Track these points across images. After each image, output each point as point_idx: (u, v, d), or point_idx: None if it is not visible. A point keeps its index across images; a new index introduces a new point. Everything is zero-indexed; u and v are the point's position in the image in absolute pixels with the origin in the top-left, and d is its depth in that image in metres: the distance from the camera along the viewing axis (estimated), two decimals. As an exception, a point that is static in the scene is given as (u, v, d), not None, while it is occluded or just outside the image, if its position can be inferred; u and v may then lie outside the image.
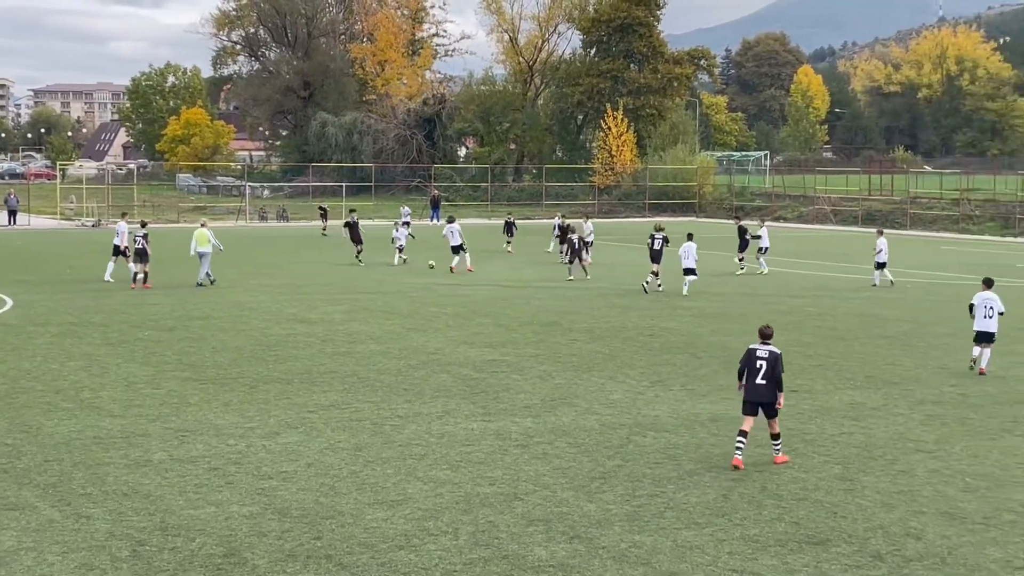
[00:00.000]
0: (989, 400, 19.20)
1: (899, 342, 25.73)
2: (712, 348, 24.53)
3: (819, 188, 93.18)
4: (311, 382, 20.17)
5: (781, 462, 15.06)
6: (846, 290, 37.44)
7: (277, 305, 31.50)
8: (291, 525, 12.18)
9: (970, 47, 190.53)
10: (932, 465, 14.91)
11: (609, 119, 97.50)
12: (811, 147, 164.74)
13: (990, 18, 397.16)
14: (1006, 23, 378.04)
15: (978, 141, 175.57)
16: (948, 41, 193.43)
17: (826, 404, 18.74)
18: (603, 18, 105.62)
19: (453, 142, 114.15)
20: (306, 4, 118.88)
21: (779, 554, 11.38)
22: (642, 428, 16.82)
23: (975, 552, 11.49)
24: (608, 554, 11.32)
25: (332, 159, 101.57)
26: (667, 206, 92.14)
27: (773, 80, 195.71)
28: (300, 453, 15.20)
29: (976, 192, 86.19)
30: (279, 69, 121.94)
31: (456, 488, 13.60)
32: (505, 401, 18.68)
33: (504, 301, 33.24)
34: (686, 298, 34.06)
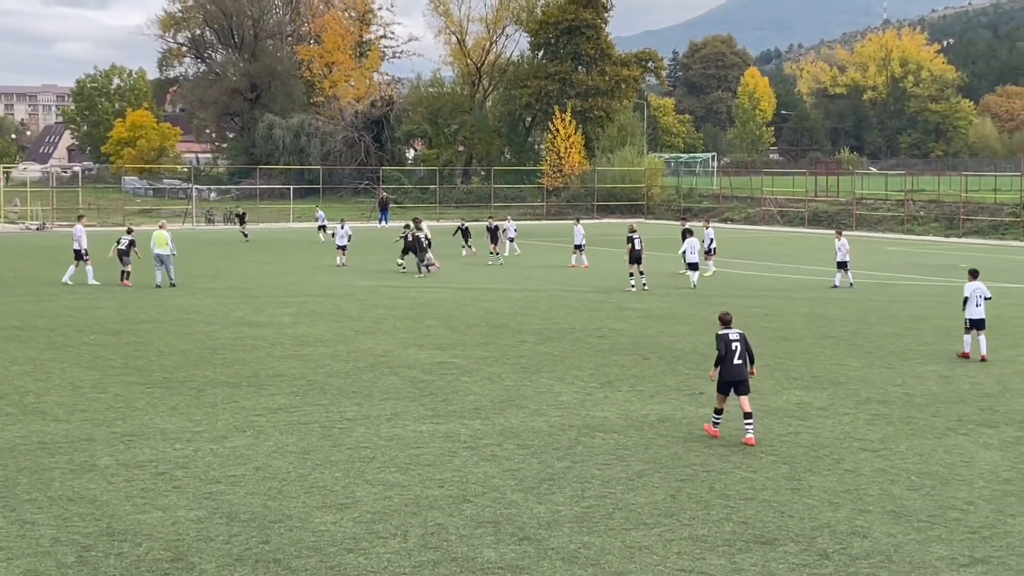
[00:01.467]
0: (934, 399, 19.39)
1: (845, 342, 25.94)
2: (660, 349, 24.63)
3: (766, 189, 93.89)
4: (259, 385, 20.05)
5: (750, 443, 15.90)
6: (793, 291, 37.72)
7: (224, 308, 31.30)
8: (239, 529, 12.09)
9: (914, 49, 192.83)
10: (878, 464, 15.03)
11: (557, 121, 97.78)
12: (758, 149, 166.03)
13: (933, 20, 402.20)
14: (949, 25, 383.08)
15: (922, 142, 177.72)
16: (892, 43, 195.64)
17: (773, 404, 18.85)
18: (550, 20, 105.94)
19: (401, 144, 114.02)
20: (252, 6, 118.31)
21: (727, 554, 11.44)
22: (591, 429, 16.85)
23: (920, 550, 11.60)
24: (557, 555, 11.33)
25: (280, 161, 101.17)
26: (615, 207, 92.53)
27: (720, 82, 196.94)
28: (248, 457, 15.10)
29: (920, 193, 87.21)
30: (225, 71, 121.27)
31: (405, 491, 13.56)
32: (454, 403, 18.66)
33: (453, 303, 33.21)
34: (635, 299, 34.19)
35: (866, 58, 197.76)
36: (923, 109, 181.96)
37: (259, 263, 46.58)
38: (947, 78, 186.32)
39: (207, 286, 37.17)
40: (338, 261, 45.44)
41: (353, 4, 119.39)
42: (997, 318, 30.15)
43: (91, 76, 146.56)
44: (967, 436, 16.66)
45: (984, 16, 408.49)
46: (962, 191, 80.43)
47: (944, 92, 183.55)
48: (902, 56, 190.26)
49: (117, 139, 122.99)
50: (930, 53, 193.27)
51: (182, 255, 41.71)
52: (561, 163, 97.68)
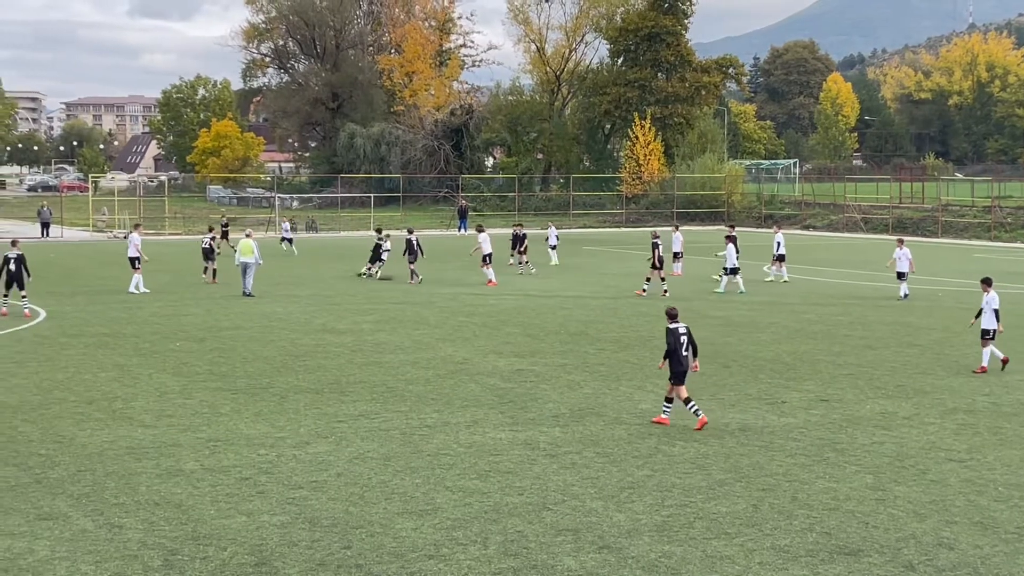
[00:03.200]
0: (1022, 409, 19.04)
1: (930, 351, 25.57)
2: (741, 357, 24.45)
3: (849, 196, 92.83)
4: (340, 392, 20.22)
5: (702, 423, 17.45)
6: (876, 299, 37.25)
7: (306, 316, 31.60)
8: (321, 534, 12.20)
9: (1000, 53, 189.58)
10: (964, 475, 14.80)
11: (637, 128, 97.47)
12: (841, 155, 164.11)
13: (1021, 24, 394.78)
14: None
15: (1009, 148, 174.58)
16: (978, 48, 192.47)
17: (857, 413, 18.63)
18: (630, 27, 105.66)
19: (480, 152, 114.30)
20: (334, 16, 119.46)
21: (810, 564, 11.32)
22: (671, 438, 16.77)
23: (1008, 562, 11.40)
24: (637, 564, 11.29)
25: (360, 170, 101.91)
26: (695, 215, 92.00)
27: (802, 88, 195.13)
28: (330, 463, 15.23)
29: (1008, 199, 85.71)
30: (308, 81, 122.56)
31: (485, 498, 13.60)
32: (533, 411, 18.67)
33: (532, 311, 33.23)
34: (715, 307, 33.96)
35: (951, 63, 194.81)
36: (1010, 114, 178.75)
37: (340, 271, 46.92)
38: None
39: (289, 293, 37.54)
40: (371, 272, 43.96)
41: (433, 14, 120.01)
42: (1088, 327, 29.57)
43: (176, 87, 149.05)
44: (1057, 447, 16.35)
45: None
46: (1051, 197, 78.90)
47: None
48: (988, 60, 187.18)
49: (202, 149, 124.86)
50: (1017, 57, 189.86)
51: (264, 263, 42.06)
52: (640, 170, 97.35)
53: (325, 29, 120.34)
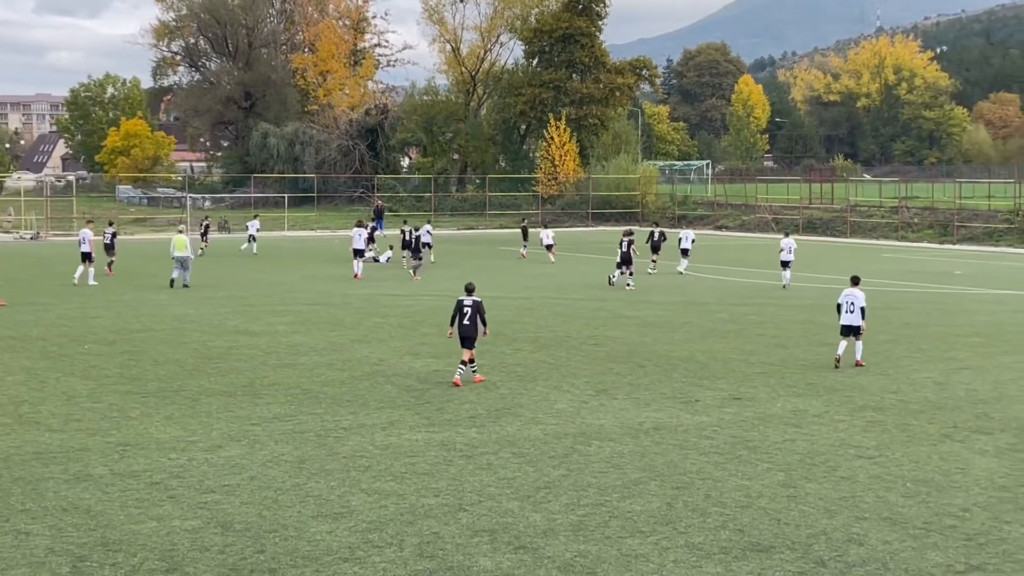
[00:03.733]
0: (929, 406, 19.40)
1: (840, 349, 25.93)
2: (656, 357, 24.62)
3: (760, 197, 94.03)
4: (254, 394, 20.02)
5: (479, 380, 21.09)
6: (788, 298, 37.73)
7: (219, 317, 31.27)
8: (234, 539, 12.06)
9: (907, 57, 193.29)
10: (874, 471, 15.03)
11: (552, 129, 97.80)
12: (752, 156, 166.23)
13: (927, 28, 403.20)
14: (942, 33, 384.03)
15: (916, 149, 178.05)
16: (886, 51, 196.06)
17: (769, 411, 18.86)
18: (545, 28, 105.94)
19: (396, 152, 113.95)
20: (247, 15, 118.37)
21: (723, 561, 11.42)
22: (587, 437, 16.84)
23: (916, 557, 11.59)
24: (553, 564, 11.31)
25: (274, 170, 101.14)
26: (610, 215, 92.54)
27: (714, 90, 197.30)
28: (243, 466, 15.07)
29: (914, 200, 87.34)
30: (220, 80, 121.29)
31: (400, 500, 13.54)
32: (450, 412, 18.64)
33: (448, 311, 33.04)
34: (631, 307, 34.18)
35: (860, 66, 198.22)
36: (917, 116, 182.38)
37: (254, 272, 46.51)
38: (941, 85, 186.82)
39: (202, 295, 37.12)
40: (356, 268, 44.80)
41: (347, 13, 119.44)
42: (992, 324, 30.24)
43: (85, 85, 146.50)
44: (963, 443, 16.66)
45: (977, 23, 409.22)
46: (956, 198, 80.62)
47: (938, 99, 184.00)
48: (896, 63, 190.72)
49: (111, 148, 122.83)
50: (924, 60, 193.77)
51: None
52: (556, 171, 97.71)
53: (237, 27, 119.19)
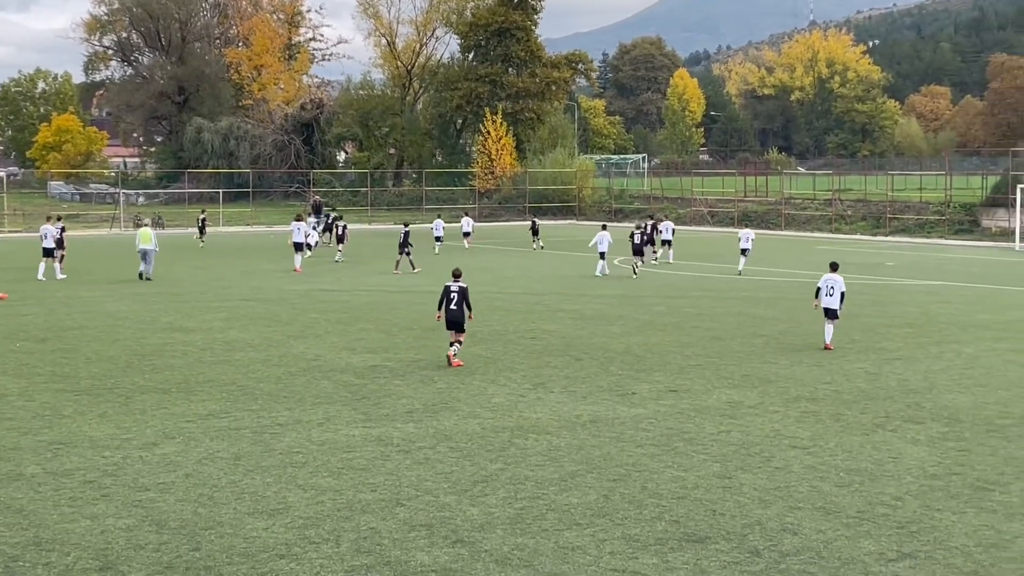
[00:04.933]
0: (862, 396, 19.63)
1: (775, 341, 26.21)
2: (592, 350, 24.71)
3: (696, 190, 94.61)
4: (189, 391, 19.85)
5: (457, 365, 22.05)
6: (724, 290, 38.01)
7: (153, 314, 30.96)
8: (169, 537, 11.95)
9: (840, 50, 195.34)
10: (808, 461, 15.19)
11: (488, 123, 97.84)
12: (688, 150, 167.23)
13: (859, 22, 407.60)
14: (874, 26, 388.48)
15: (849, 142, 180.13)
16: (819, 45, 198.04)
17: (705, 403, 18.99)
18: (480, 23, 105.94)
19: (332, 147, 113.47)
20: (179, 8, 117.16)
21: (659, 552, 11.49)
22: (524, 431, 16.87)
23: (850, 545, 11.73)
24: (491, 557, 11.32)
25: (208, 165, 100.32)
26: (547, 209, 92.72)
27: (650, 84, 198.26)
28: (178, 464, 14.94)
29: (848, 192, 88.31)
30: (153, 74, 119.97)
31: (337, 495, 13.49)
32: (387, 407, 18.59)
33: (385, 306, 33.11)
34: (568, 301, 34.27)
35: (793, 59, 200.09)
36: (849, 109, 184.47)
37: (189, 267, 46.09)
38: (873, 79, 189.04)
39: (135, 291, 36.74)
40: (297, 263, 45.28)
41: (281, 7, 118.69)
42: (923, 315, 30.66)
43: (15, 80, 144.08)
44: (894, 432, 16.88)
45: (908, 17, 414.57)
46: (888, 190, 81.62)
47: (870, 92, 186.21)
48: (828, 57, 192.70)
49: (42, 144, 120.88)
50: (856, 54, 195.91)
51: (109, 260, 41.30)
52: (493, 165, 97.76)
53: (170, 21, 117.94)
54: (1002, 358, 23.80)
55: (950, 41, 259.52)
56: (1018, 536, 12.00)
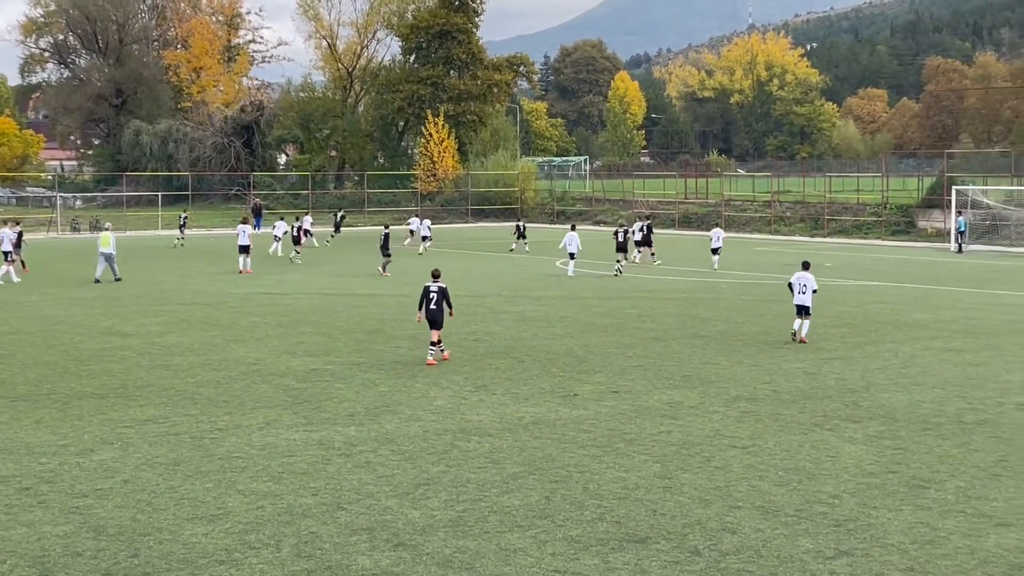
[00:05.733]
0: (800, 396, 19.82)
1: (715, 341, 26.38)
2: (534, 352, 24.76)
3: (638, 192, 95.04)
4: (127, 396, 19.66)
5: (431, 364, 22.69)
6: (664, 291, 38.21)
7: (91, 319, 30.63)
8: (107, 543, 11.84)
9: (779, 53, 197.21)
10: (747, 460, 15.31)
11: (430, 125, 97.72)
12: (629, 152, 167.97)
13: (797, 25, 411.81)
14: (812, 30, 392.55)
15: (788, 144, 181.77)
16: (758, 47, 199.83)
17: (645, 404, 19.09)
18: (422, 25, 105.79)
19: (272, 149, 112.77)
20: (117, 11, 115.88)
21: (600, 553, 11.54)
22: (466, 433, 16.87)
23: (788, 544, 11.84)
24: (432, 560, 11.31)
25: (147, 168, 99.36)
26: (490, 211, 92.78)
27: (591, 86, 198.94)
28: (116, 470, 14.79)
29: (787, 194, 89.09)
30: (90, 77, 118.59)
31: (278, 500, 13.42)
32: (328, 410, 18.52)
33: (326, 309, 32.98)
34: (510, 303, 34.30)
35: (733, 62, 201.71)
36: (788, 112, 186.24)
37: (127, 271, 45.61)
38: (811, 81, 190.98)
39: (72, 295, 36.33)
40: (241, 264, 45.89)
41: (221, 8, 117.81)
42: (860, 315, 31.01)
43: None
44: (832, 431, 17.05)
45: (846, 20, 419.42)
46: (826, 192, 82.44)
47: (808, 95, 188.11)
48: (767, 60, 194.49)
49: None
50: (794, 57, 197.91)
51: (46, 264, 40.83)
52: (435, 167, 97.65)
53: (107, 23, 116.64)
54: (937, 357, 24.12)
55: (886, 44, 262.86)
56: (952, 533, 12.18)
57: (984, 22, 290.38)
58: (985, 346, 25.63)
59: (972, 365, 23.06)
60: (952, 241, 62.17)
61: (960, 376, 21.78)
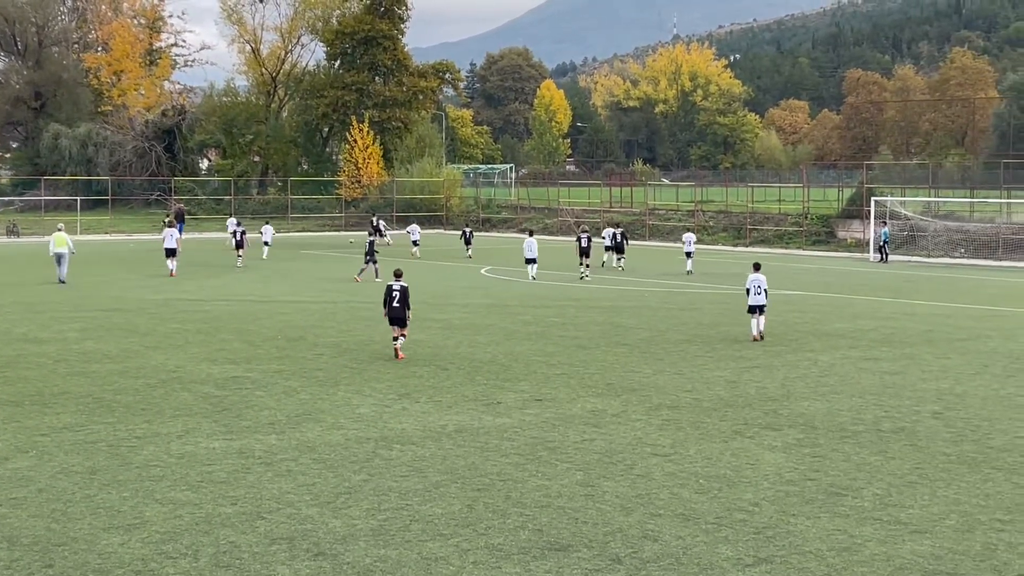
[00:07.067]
0: (722, 404, 19.97)
1: (638, 350, 26.51)
2: (459, 359, 24.72)
3: (563, 200, 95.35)
4: (43, 404, 19.32)
5: (401, 358, 24.14)
6: (588, 300, 38.34)
7: (5, 324, 30.09)
8: (20, 554, 11.61)
9: (703, 64, 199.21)
10: (668, 468, 15.39)
11: (355, 131, 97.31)
12: (555, 160, 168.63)
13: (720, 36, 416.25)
14: (735, 41, 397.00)
15: (711, 154, 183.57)
16: (682, 58, 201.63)
17: (568, 412, 19.12)
18: (347, 30, 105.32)
19: (195, 154, 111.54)
20: (36, 12, 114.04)
21: (522, 561, 11.53)
22: (388, 441, 16.79)
23: (708, 551, 11.91)
24: (353, 570, 11.24)
25: (66, 172, 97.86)
26: (414, 218, 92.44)
27: (517, 94, 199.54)
28: (31, 478, 14.53)
29: (710, 203, 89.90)
30: (8, 79, 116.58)
31: (196, 509, 13.25)
32: (248, 418, 18.34)
33: (248, 316, 32.68)
34: (436, 311, 34.24)
35: (657, 72, 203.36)
36: (712, 122, 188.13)
37: (45, 277, 44.87)
38: (734, 92, 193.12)
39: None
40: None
41: (143, 11, 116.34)
42: (781, 324, 31.33)
43: None
44: (752, 439, 17.20)
45: (768, 32, 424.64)
46: (749, 201, 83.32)
47: (731, 106, 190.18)
48: (691, 70, 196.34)
49: None
50: (718, 68, 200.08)
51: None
52: (359, 174, 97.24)
53: (26, 25, 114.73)
54: (855, 366, 24.45)
55: (808, 56, 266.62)
56: (869, 540, 12.33)
57: (903, 36, 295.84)
58: (902, 355, 26.04)
59: (889, 374, 23.40)
60: (872, 251, 63.09)
61: (878, 385, 22.09)
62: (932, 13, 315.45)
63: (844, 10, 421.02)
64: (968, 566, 11.56)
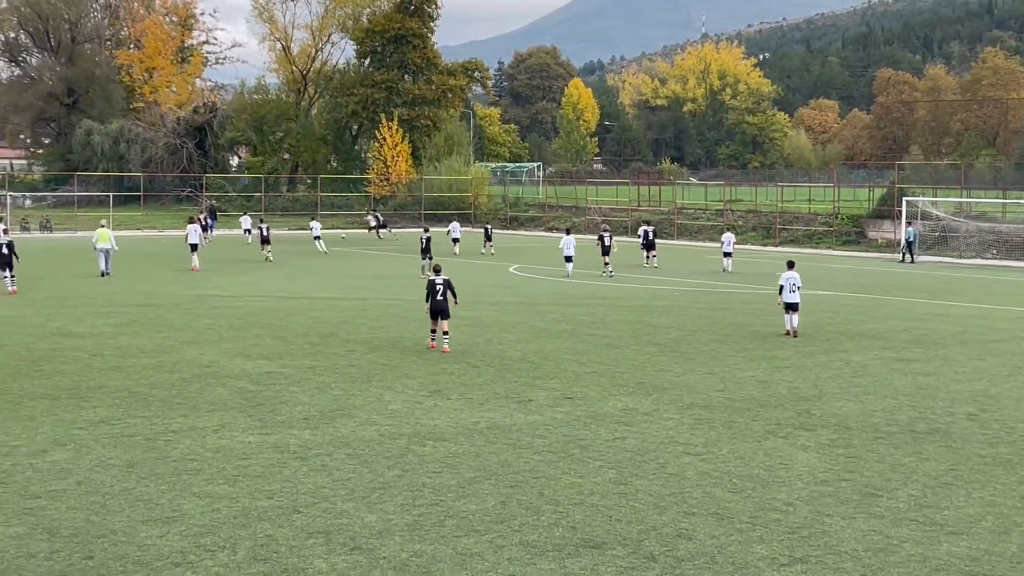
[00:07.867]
0: (754, 404, 19.96)
1: (669, 349, 26.50)
2: (489, 357, 24.79)
3: (590, 199, 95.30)
4: (80, 398, 19.50)
5: (447, 352, 24.72)
6: (618, 299, 38.34)
7: (41, 319, 30.34)
8: (61, 545, 11.74)
9: (731, 63, 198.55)
10: (701, 467, 15.40)
11: (384, 129, 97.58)
12: (582, 159, 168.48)
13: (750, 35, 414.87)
14: (765, 40, 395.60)
15: (740, 154, 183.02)
16: (711, 57, 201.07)
17: (600, 410, 19.15)
18: (377, 29, 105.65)
19: (225, 151, 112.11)
20: (69, 9, 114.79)
21: (557, 558, 11.58)
22: (421, 438, 16.86)
23: (743, 550, 11.93)
24: (389, 564, 11.31)
25: (98, 168, 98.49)
26: (443, 216, 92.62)
27: (545, 93, 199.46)
28: (69, 471, 14.68)
29: (738, 203, 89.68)
30: (41, 75, 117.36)
31: (233, 503, 13.36)
32: (283, 413, 18.45)
33: (280, 312, 32.84)
34: (464, 308, 34.31)
35: (686, 71, 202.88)
36: (741, 121, 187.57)
37: (78, 273, 45.21)
38: (763, 91, 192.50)
39: (23, 295, 35.97)
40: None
41: (175, 9, 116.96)
42: (812, 324, 31.25)
43: None
44: (785, 439, 17.19)
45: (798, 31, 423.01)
46: (778, 201, 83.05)
47: (760, 105, 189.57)
48: (720, 69, 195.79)
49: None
50: (747, 67, 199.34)
51: None
52: (388, 171, 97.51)
53: (60, 22, 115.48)
54: (888, 366, 24.37)
55: (838, 56, 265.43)
56: (905, 541, 12.32)
57: (934, 35, 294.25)
58: (935, 356, 25.94)
59: (923, 375, 23.32)
60: (902, 251, 62.74)
61: (911, 386, 22.02)
62: (963, 13, 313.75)
63: (875, 9, 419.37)
64: (1004, 567, 11.54)
